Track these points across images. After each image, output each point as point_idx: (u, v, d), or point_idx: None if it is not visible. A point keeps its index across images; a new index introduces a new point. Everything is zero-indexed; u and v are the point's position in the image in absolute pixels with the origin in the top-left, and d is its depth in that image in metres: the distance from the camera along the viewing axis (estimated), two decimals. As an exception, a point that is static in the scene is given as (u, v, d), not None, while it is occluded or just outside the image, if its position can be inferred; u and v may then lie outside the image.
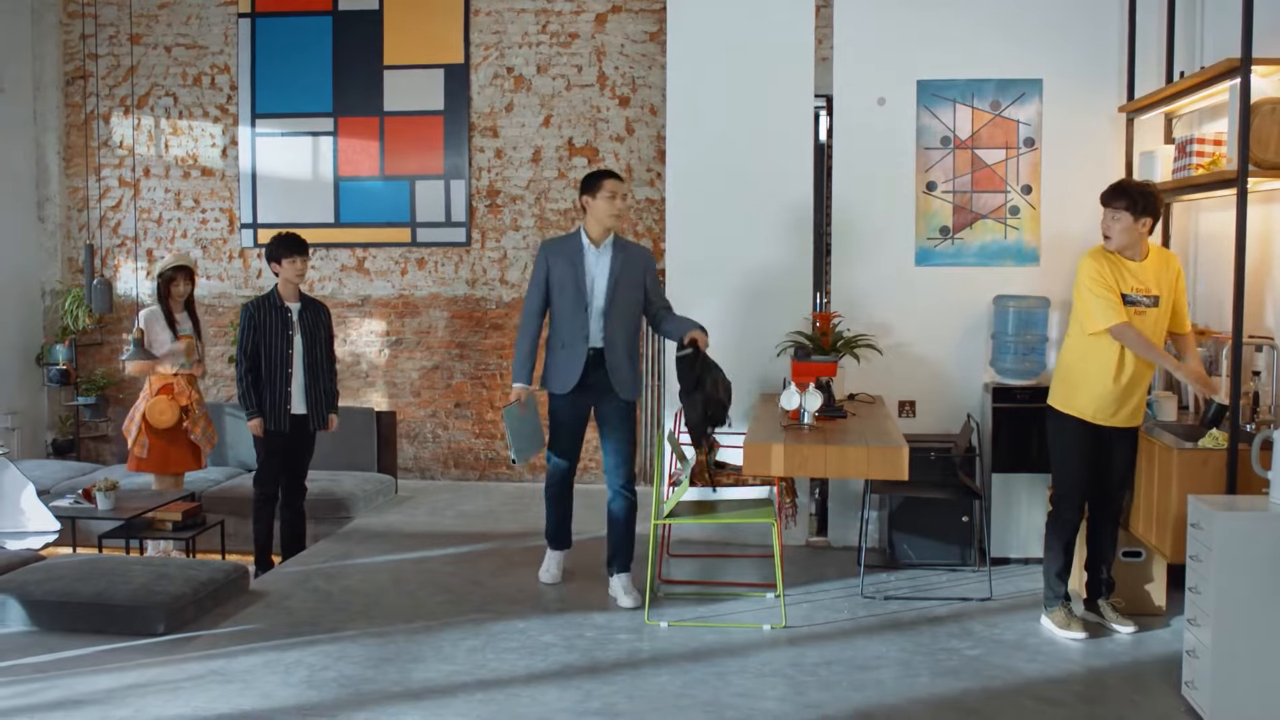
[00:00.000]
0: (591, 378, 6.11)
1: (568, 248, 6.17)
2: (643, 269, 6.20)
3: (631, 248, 6.26)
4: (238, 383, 6.97)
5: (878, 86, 7.21)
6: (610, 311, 6.09)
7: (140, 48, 9.59)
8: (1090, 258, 5.52)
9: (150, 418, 7.27)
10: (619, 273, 6.09)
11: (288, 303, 7.02)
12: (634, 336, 6.24)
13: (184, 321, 7.44)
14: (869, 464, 5.48)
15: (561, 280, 6.12)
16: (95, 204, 9.70)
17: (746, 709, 4.76)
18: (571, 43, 9.09)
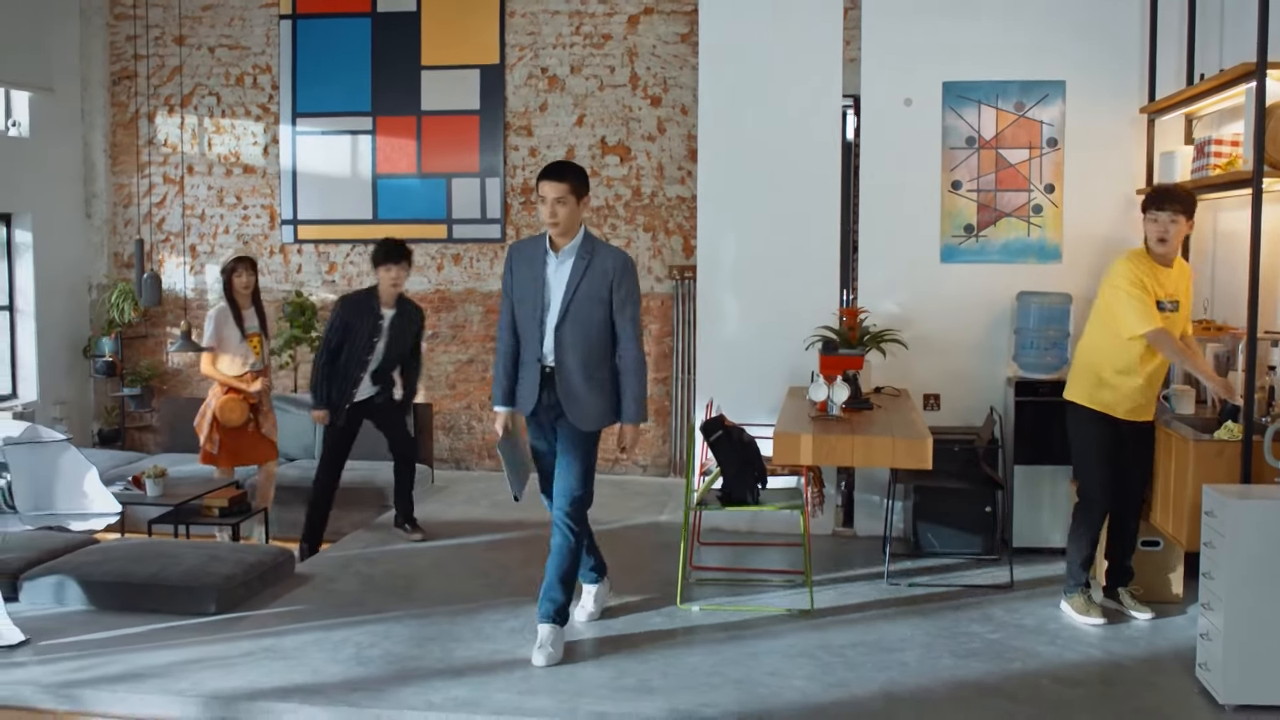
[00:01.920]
0: (547, 400, 5.42)
1: (533, 252, 5.43)
2: (609, 280, 5.31)
3: (603, 254, 5.36)
4: (313, 371, 7.20)
5: (904, 88, 7.39)
6: (563, 328, 5.32)
7: (185, 48, 9.85)
8: (1129, 262, 5.64)
9: (220, 416, 7.44)
10: (578, 283, 5.30)
11: (383, 308, 7.18)
12: (598, 357, 5.38)
13: (251, 318, 7.55)
14: (894, 454, 5.68)
15: (522, 288, 5.41)
16: (141, 200, 9.96)
17: (776, 686, 4.97)
18: (604, 44, 9.29)
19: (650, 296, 9.24)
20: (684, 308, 9.05)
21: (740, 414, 6.76)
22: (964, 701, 4.87)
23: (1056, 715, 4.76)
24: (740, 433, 6.21)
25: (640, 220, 9.24)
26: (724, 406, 6.84)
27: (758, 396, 7.31)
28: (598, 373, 5.37)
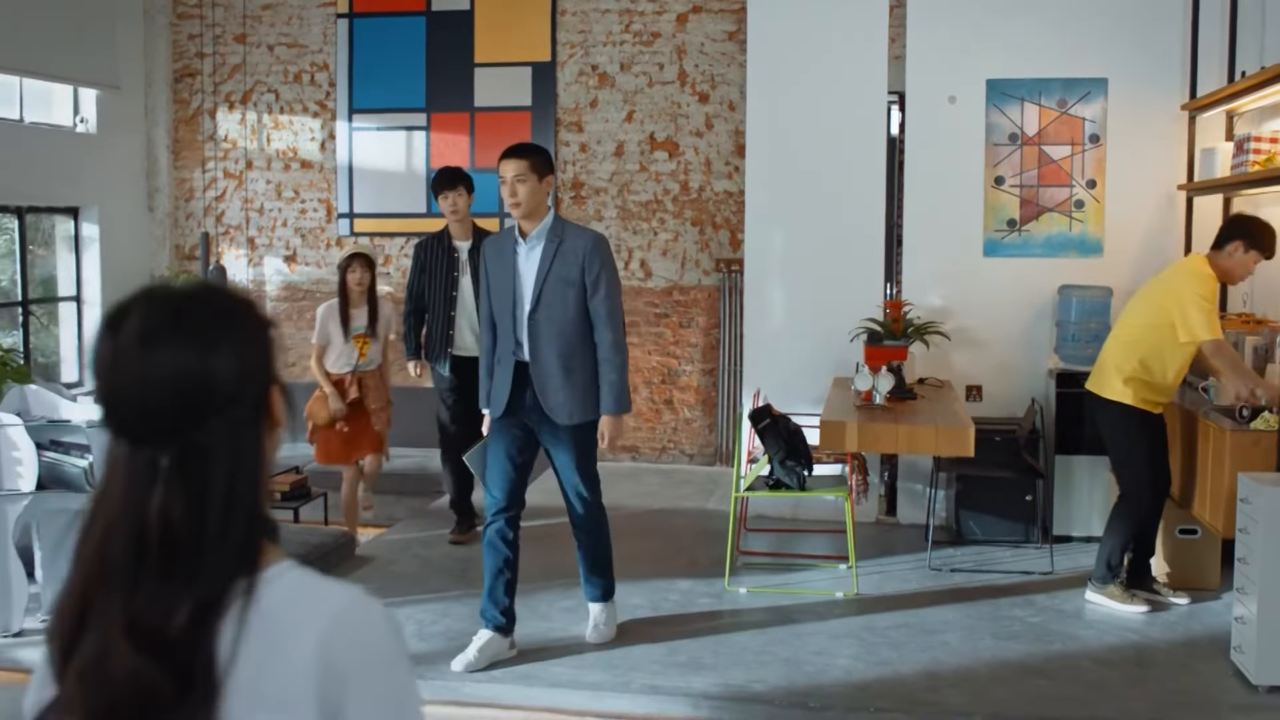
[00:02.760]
0: (521, 398, 5.17)
1: (503, 244, 5.19)
2: (580, 261, 5.03)
3: (573, 235, 5.11)
4: (403, 320, 7.13)
5: (949, 85, 7.55)
6: (536, 317, 5.08)
7: (245, 47, 10.12)
8: (1206, 276, 5.70)
9: (308, 413, 7.22)
10: (549, 267, 5.04)
11: (456, 241, 6.95)
12: (574, 346, 5.11)
13: (360, 317, 7.19)
14: (937, 441, 5.86)
15: (496, 282, 5.19)
16: (202, 194, 10.25)
17: (822, 664, 5.17)
18: (653, 41, 9.48)
19: (698, 289, 9.44)
20: (730, 300, 9.24)
21: (786, 404, 6.94)
22: (1004, 680, 5.05)
23: (1094, 694, 4.93)
24: (787, 421, 6.40)
25: (688, 214, 9.43)
26: (770, 396, 7.03)
27: (803, 387, 7.50)
28: (575, 363, 5.10)
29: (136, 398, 1.37)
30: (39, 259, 9.60)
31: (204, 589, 1.36)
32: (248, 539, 1.40)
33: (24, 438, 5.41)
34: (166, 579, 1.35)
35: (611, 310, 5.11)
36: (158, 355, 1.38)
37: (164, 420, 1.38)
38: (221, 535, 1.38)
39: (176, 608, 1.35)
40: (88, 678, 1.34)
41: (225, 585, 1.37)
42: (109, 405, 1.39)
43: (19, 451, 5.42)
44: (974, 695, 4.89)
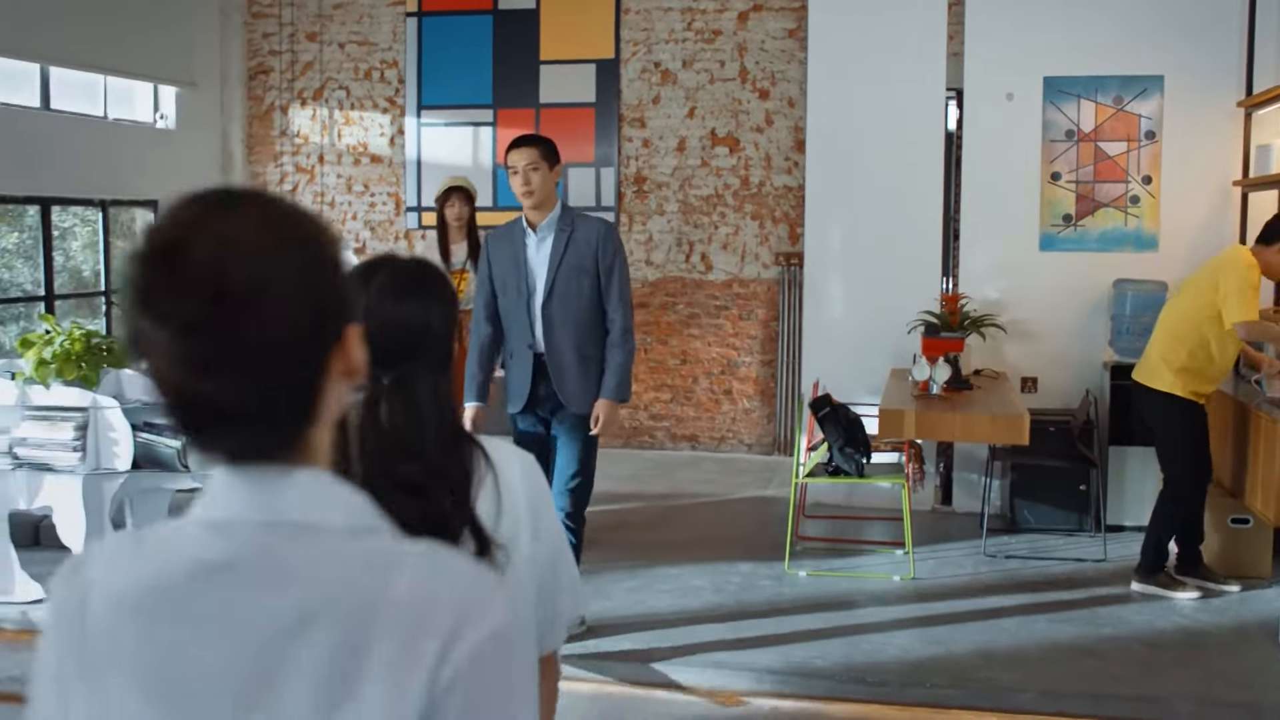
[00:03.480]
0: (541, 390, 5.15)
1: (510, 235, 5.17)
2: (594, 249, 5.01)
3: (584, 224, 5.10)
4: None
5: (1006, 82, 7.70)
6: (550, 306, 5.07)
7: (316, 45, 10.41)
8: (1250, 265, 5.83)
9: None
10: (561, 257, 5.01)
11: None
12: (589, 335, 5.09)
13: (460, 252, 7.05)
14: (993, 430, 6.04)
15: (503, 275, 5.13)
16: (274, 188, 10.56)
17: (880, 643, 5.37)
18: (715, 39, 9.67)
19: (757, 282, 9.63)
20: (789, 293, 9.42)
21: (844, 394, 7.12)
22: (1056, 660, 5.23)
23: (1143, 674, 5.10)
24: (846, 410, 6.59)
25: (748, 209, 9.62)
26: (829, 386, 7.22)
27: (861, 377, 7.67)
28: (591, 350, 5.07)
29: (378, 332, 1.66)
30: (119, 251, 9.93)
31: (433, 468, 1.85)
32: (449, 433, 1.91)
33: (120, 419, 5.70)
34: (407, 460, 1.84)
35: (623, 296, 5.09)
36: (403, 304, 1.92)
37: (394, 351, 1.86)
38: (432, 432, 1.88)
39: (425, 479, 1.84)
40: None
41: (451, 463, 1.88)
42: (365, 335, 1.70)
43: (115, 432, 5.70)
44: (1026, 673, 5.07)
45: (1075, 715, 4.84)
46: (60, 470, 5.74)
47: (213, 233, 1.14)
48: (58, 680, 1.21)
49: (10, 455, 5.79)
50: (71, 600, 1.21)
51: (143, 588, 1.18)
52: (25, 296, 8.85)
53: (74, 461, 5.71)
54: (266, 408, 1.17)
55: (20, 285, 8.87)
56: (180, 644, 1.17)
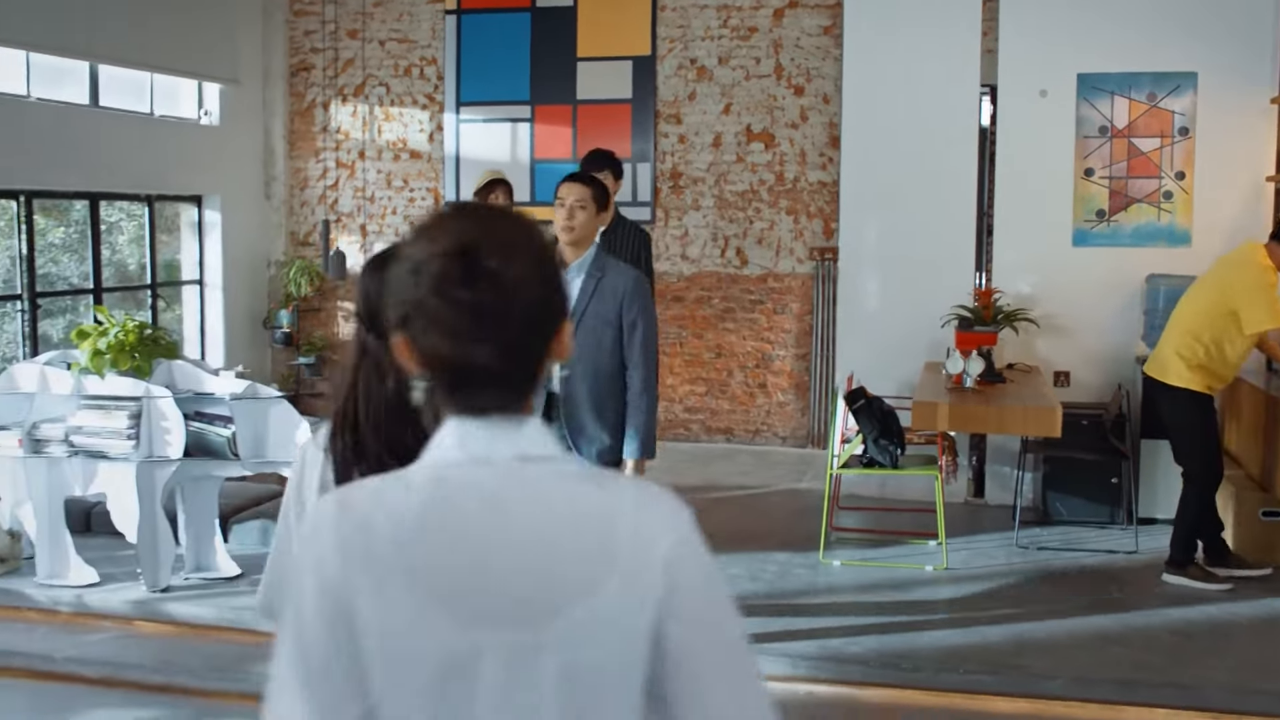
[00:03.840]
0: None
1: None
2: (619, 300, 4.71)
3: (614, 272, 4.78)
4: None
5: (1040, 78, 7.77)
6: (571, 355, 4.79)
7: (357, 42, 10.56)
8: (1265, 267, 5.92)
9: None
10: (587, 304, 4.73)
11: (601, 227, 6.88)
12: (608, 388, 4.77)
13: None
14: (1025, 422, 6.13)
15: None
16: (316, 184, 10.73)
17: (913, 630, 5.49)
18: (751, 36, 9.77)
19: (791, 277, 9.72)
20: (824, 287, 9.51)
21: (878, 387, 7.20)
22: (1087, 648, 5.32)
23: (1173, 662, 5.20)
24: (881, 402, 6.69)
25: (783, 204, 9.71)
26: (863, 380, 7.30)
27: (895, 370, 7.78)
28: (608, 403, 4.78)
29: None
30: (163, 245, 10.11)
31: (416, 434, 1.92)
32: None
33: (173, 409, 5.87)
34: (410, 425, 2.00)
35: (647, 353, 4.81)
36: None
37: None
38: None
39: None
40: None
41: None
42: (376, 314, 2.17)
43: (168, 421, 5.87)
44: (1057, 660, 5.17)
45: (1106, 702, 4.94)
46: (114, 458, 5.92)
47: (496, 239, 1.51)
48: (335, 594, 1.45)
49: (66, 443, 5.97)
50: (353, 530, 1.46)
51: (426, 514, 1.47)
52: (73, 290, 9.04)
53: (128, 449, 5.88)
54: (515, 373, 1.53)
55: (66, 279, 9.06)
56: (467, 557, 1.46)
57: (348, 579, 1.45)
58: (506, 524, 1.48)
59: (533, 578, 1.47)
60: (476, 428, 1.53)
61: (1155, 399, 6.32)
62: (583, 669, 1.46)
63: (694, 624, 1.49)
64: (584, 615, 1.46)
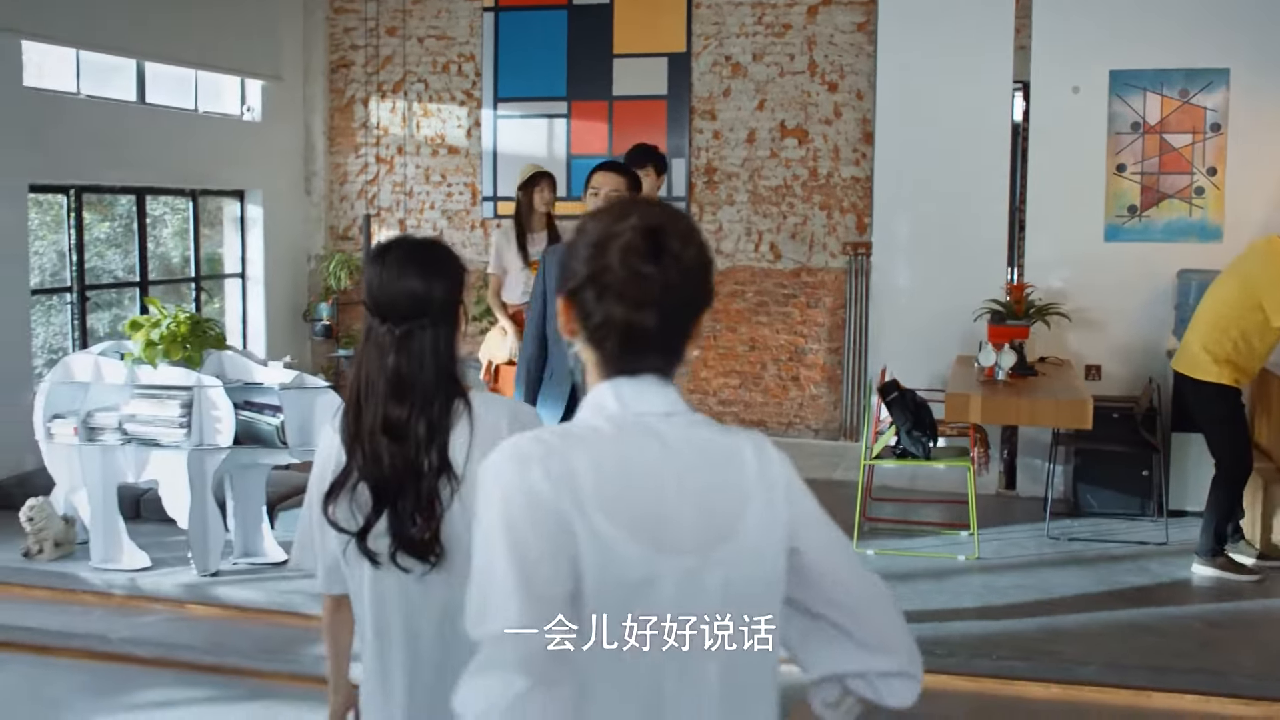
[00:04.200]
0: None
1: None
2: None
3: None
4: None
5: (1073, 75, 7.86)
6: None
7: (395, 39, 10.72)
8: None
9: (483, 350, 7.02)
10: None
11: None
12: None
13: (537, 241, 6.93)
14: (1057, 414, 6.23)
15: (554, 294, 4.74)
16: (355, 178, 10.89)
17: (947, 617, 5.59)
18: (785, 33, 9.87)
19: (825, 271, 9.82)
20: (857, 282, 9.61)
21: (911, 380, 7.31)
22: (1117, 636, 5.42)
23: (1203, 650, 5.29)
24: (914, 395, 6.80)
25: (816, 199, 9.82)
26: (896, 373, 7.41)
27: (927, 364, 7.88)
28: None
29: (389, 299, 2.40)
30: (205, 238, 10.30)
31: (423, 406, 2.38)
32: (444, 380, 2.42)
33: (223, 398, 6.02)
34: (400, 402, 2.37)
35: None
36: (410, 275, 2.41)
37: (402, 312, 2.39)
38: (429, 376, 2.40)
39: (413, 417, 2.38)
40: (366, 456, 2.38)
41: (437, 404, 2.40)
42: (376, 301, 2.42)
43: (218, 410, 6.03)
44: (1088, 646, 5.28)
45: (1136, 687, 5.04)
46: (167, 445, 6.08)
47: (676, 228, 1.77)
48: (551, 512, 1.68)
49: (120, 431, 6.14)
50: (560, 468, 1.70)
51: (614, 459, 1.73)
52: (119, 283, 9.23)
53: (180, 437, 6.04)
54: (676, 340, 1.79)
55: (111, 272, 9.25)
56: (647, 496, 1.73)
57: (559, 506, 1.68)
58: (671, 467, 1.75)
59: (695, 512, 1.74)
60: (631, 387, 1.78)
61: (1184, 394, 6.40)
62: (738, 584, 1.75)
63: (816, 534, 1.83)
64: (735, 541, 1.75)
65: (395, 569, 2.40)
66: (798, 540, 1.81)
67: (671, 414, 1.79)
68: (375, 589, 2.44)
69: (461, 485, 2.37)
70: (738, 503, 1.78)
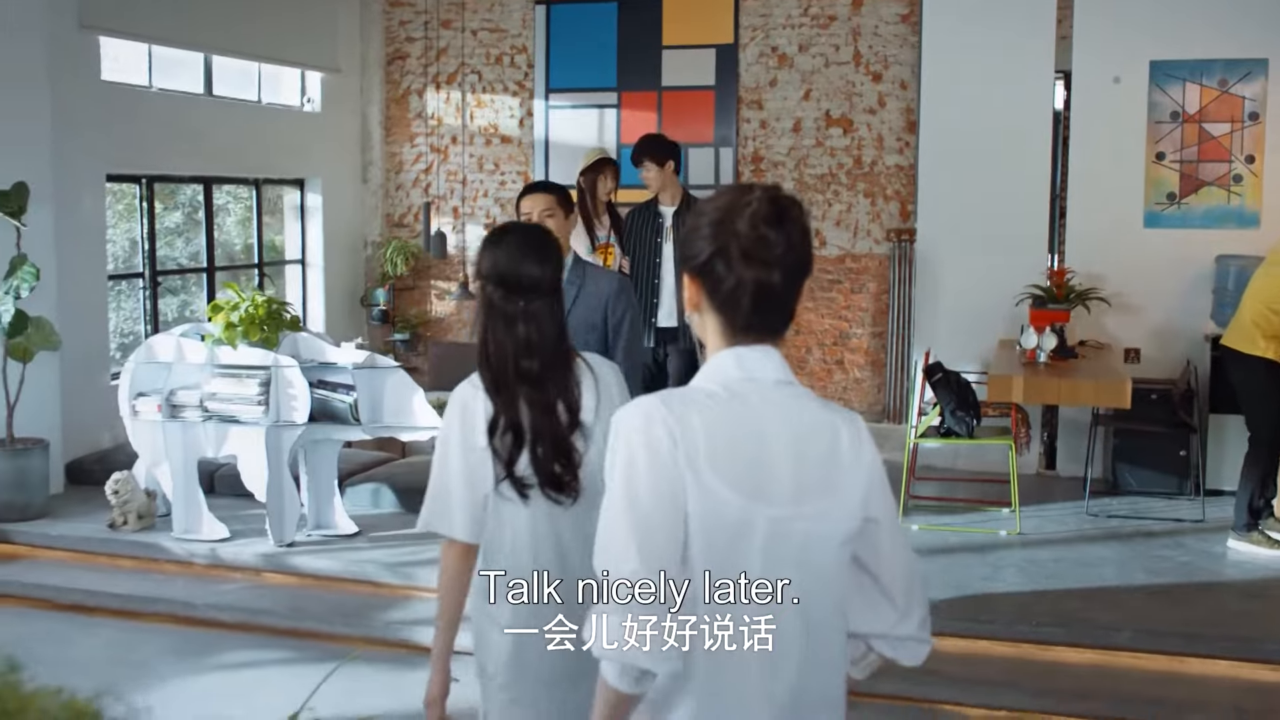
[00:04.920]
0: None
1: None
2: (603, 305, 4.50)
3: (594, 278, 4.59)
4: None
5: (1113, 66, 8.07)
6: None
7: (450, 31, 11.02)
8: None
9: None
10: (569, 311, 4.20)
11: (661, 206, 6.87)
12: None
13: (603, 227, 7.10)
14: (1096, 393, 6.47)
15: None
16: (410, 168, 11.21)
17: (988, 587, 5.85)
18: (830, 24, 10.10)
19: (869, 257, 10.06)
20: (899, 268, 9.84)
21: (953, 363, 7.54)
22: (1153, 605, 5.68)
23: (1236, 619, 5.53)
24: (957, 376, 7.05)
25: (860, 187, 10.05)
26: (939, 356, 7.65)
27: (970, 347, 8.11)
28: None
29: (514, 277, 2.91)
30: (266, 226, 10.64)
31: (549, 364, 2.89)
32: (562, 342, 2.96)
33: (299, 377, 6.35)
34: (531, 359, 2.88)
35: (630, 355, 4.56)
36: (529, 257, 2.93)
37: (525, 288, 2.90)
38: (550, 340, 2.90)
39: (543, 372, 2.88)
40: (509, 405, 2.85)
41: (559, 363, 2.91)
42: (502, 278, 2.91)
43: (294, 389, 6.35)
44: (1124, 615, 5.53)
45: (1170, 653, 5.28)
46: (245, 422, 6.42)
47: (793, 200, 2.09)
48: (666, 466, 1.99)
49: (201, 408, 6.48)
50: (679, 425, 2.00)
51: (725, 418, 2.04)
52: (188, 268, 9.58)
53: (258, 414, 6.38)
54: (793, 301, 2.10)
55: (175, 259, 9.60)
56: (751, 452, 2.03)
57: (675, 460, 1.98)
58: (775, 428, 2.05)
59: (789, 471, 2.05)
60: (750, 353, 2.08)
61: (1230, 368, 6.62)
62: (818, 537, 2.07)
63: (883, 505, 2.14)
64: (822, 501, 2.07)
65: (546, 502, 2.84)
66: (872, 510, 2.11)
67: (781, 382, 2.08)
68: (531, 524, 2.87)
69: (594, 429, 2.85)
70: (828, 469, 2.08)
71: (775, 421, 2.06)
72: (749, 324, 2.07)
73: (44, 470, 7.16)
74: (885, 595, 2.17)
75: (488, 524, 2.89)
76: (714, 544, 2.01)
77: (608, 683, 1.99)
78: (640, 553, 1.95)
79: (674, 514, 1.98)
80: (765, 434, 2.05)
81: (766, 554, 2.03)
